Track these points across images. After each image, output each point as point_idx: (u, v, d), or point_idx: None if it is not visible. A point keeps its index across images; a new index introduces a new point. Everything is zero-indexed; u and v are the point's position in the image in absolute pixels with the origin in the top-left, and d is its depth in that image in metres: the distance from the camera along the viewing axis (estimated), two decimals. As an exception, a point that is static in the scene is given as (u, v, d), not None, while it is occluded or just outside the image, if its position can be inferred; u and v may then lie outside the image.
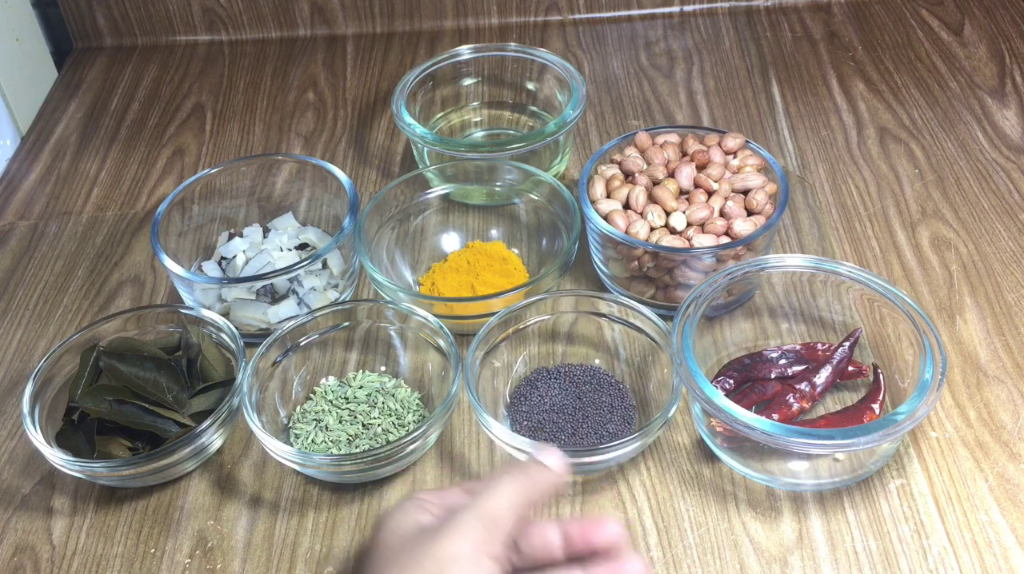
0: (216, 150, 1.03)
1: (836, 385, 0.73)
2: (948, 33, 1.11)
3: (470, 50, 0.99)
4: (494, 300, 0.75)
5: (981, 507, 0.66)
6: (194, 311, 0.75)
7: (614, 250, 0.78)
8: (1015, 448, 0.69)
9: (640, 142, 0.84)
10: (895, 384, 0.71)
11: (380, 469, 0.68)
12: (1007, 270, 0.82)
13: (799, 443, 0.62)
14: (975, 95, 1.02)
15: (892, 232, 0.86)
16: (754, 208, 0.77)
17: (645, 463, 0.70)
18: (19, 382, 0.79)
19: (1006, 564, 0.63)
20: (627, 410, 0.72)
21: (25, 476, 0.73)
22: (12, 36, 1.09)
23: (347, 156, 1.00)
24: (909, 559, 0.63)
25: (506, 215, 0.88)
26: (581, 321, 0.76)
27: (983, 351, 0.76)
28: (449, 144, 0.89)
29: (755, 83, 1.06)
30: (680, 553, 0.65)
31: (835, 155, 0.95)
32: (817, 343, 0.75)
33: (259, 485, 0.71)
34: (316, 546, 0.67)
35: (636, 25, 1.17)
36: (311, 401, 0.75)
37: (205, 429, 0.68)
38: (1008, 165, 0.93)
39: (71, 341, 0.73)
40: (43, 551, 0.68)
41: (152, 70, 1.16)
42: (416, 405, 0.74)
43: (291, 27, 1.19)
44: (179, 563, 0.67)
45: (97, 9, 1.18)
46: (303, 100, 1.09)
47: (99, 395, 0.70)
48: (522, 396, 0.74)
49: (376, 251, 0.82)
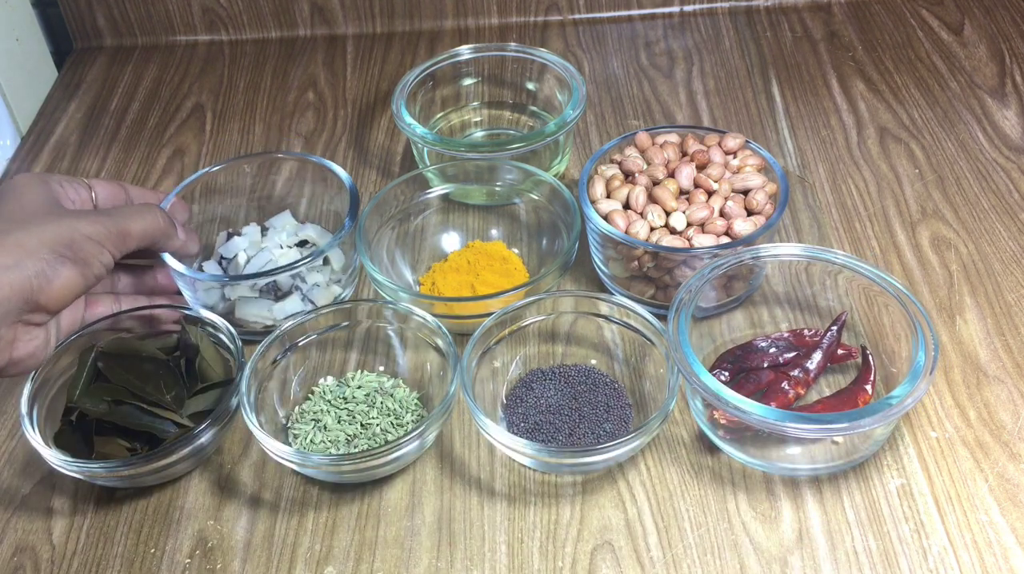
0: (216, 150, 1.03)
1: (827, 368, 0.74)
2: (948, 33, 1.11)
3: (470, 50, 0.99)
4: (494, 300, 0.75)
5: (981, 507, 0.66)
6: (193, 311, 0.75)
7: (614, 250, 0.78)
8: (1015, 448, 0.69)
9: (640, 142, 0.84)
10: (886, 368, 0.72)
11: (379, 469, 0.68)
12: (1007, 270, 0.82)
13: (803, 429, 0.62)
14: (975, 95, 1.02)
15: (892, 232, 0.86)
16: (754, 208, 0.77)
17: (644, 462, 0.70)
18: (18, 382, 0.79)
19: (1006, 564, 0.63)
20: (623, 409, 0.72)
21: (25, 476, 0.73)
22: (12, 36, 1.09)
23: (347, 156, 1.00)
24: (909, 559, 0.63)
25: (506, 215, 0.88)
26: (580, 321, 0.76)
27: (983, 351, 0.76)
28: (449, 144, 0.89)
29: (755, 83, 1.06)
30: (680, 553, 0.65)
31: (835, 155, 0.95)
32: (804, 329, 0.76)
33: (259, 485, 0.71)
34: (316, 546, 0.67)
35: (636, 25, 1.17)
36: (310, 401, 0.74)
37: (204, 429, 0.68)
38: (1008, 165, 0.92)
39: (69, 341, 0.73)
40: (43, 551, 0.68)
41: (152, 70, 1.16)
42: (415, 405, 0.74)
43: (291, 27, 1.19)
44: (179, 563, 0.67)
45: (97, 9, 1.18)
46: (303, 100, 1.09)
47: (97, 396, 0.70)
48: (518, 397, 0.74)
49: (376, 251, 0.82)
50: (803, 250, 0.74)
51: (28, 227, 0.62)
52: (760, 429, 0.65)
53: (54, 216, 0.63)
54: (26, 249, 0.61)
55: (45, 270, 0.61)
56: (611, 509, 0.67)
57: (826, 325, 0.75)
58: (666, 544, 0.65)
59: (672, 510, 0.67)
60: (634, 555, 0.65)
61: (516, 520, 0.67)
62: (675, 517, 0.67)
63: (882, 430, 0.67)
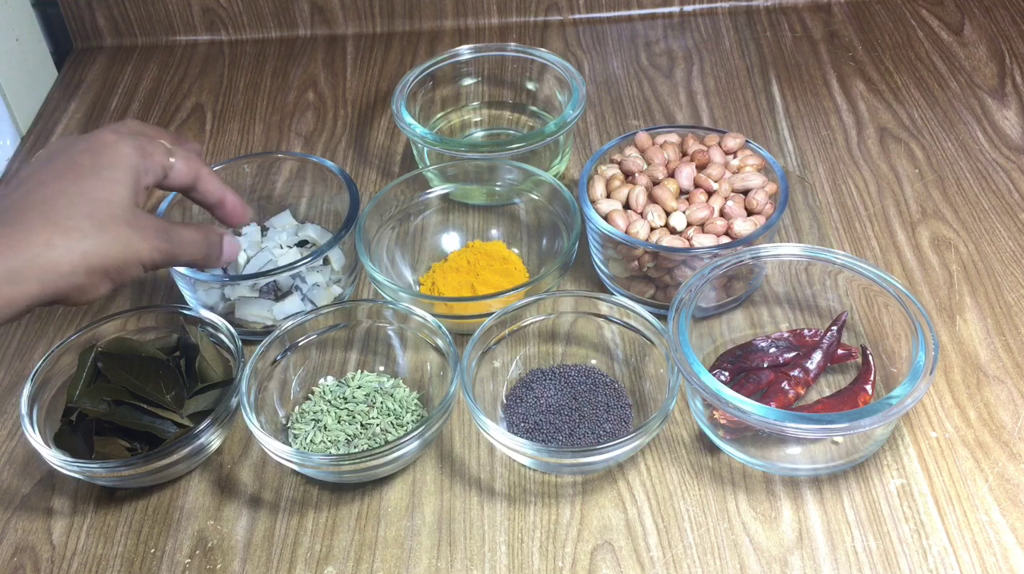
0: (216, 150, 1.03)
1: (827, 368, 0.74)
2: (948, 33, 1.11)
3: (470, 50, 0.99)
4: (494, 300, 0.75)
5: (981, 507, 0.66)
6: (193, 311, 0.75)
7: (614, 250, 0.78)
8: (1015, 448, 0.69)
9: (640, 142, 0.84)
10: (886, 368, 0.72)
11: (379, 469, 0.68)
12: (1007, 270, 0.82)
13: (803, 429, 0.62)
14: (975, 95, 1.02)
15: (892, 232, 0.86)
16: (754, 208, 0.77)
17: (644, 462, 0.70)
18: (18, 382, 0.79)
19: (1006, 564, 0.63)
20: (623, 409, 0.72)
21: (25, 476, 0.73)
22: (12, 36, 1.09)
23: (347, 156, 1.00)
24: (909, 559, 0.63)
25: (506, 215, 0.88)
26: (580, 321, 0.76)
27: (983, 351, 0.76)
28: (449, 144, 0.89)
29: (755, 83, 1.06)
30: (680, 553, 0.65)
31: (835, 155, 0.95)
32: (804, 330, 0.76)
33: (259, 485, 0.71)
34: (316, 546, 0.67)
35: (636, 25, 1.17)
36: (310, 401, 0.74)
37: (203, 429, 0.68)
38: (1008, 165, 0.92)
39: (70, 341, 0.73)
40: (43, 551, 0.68)
41: (152, 70, 1.16)
42: (415, 405, 0.74)
43: (291, 27, 1.19)
44: (179, 563, 0.67)
45: (97, 9, 1.18)
46: (303, 100, 1.09)
47: (97, 396, 0.70)
48: (518, 397, 0.74)
49: (376, 251, 0.82)
50: (803, 250, 0.74)
51: (94, 232, 0.57)
52: (760, 429, 0.65)
53: (121, 225, 0.58)
54: (74, 262, 0.56)
55: (85, 285, 0.57)
56: (611, 509, 0.67)
57: (826, 325, 0.75)
58: (666, 544, 0.65)
59: (672, 510, 0.67)
60: (634, 555, 0.65)
61: (516, 520, 0.67)
62: (675, 517, 0.67)
63: (882, 430, 0.67)
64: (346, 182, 0.83)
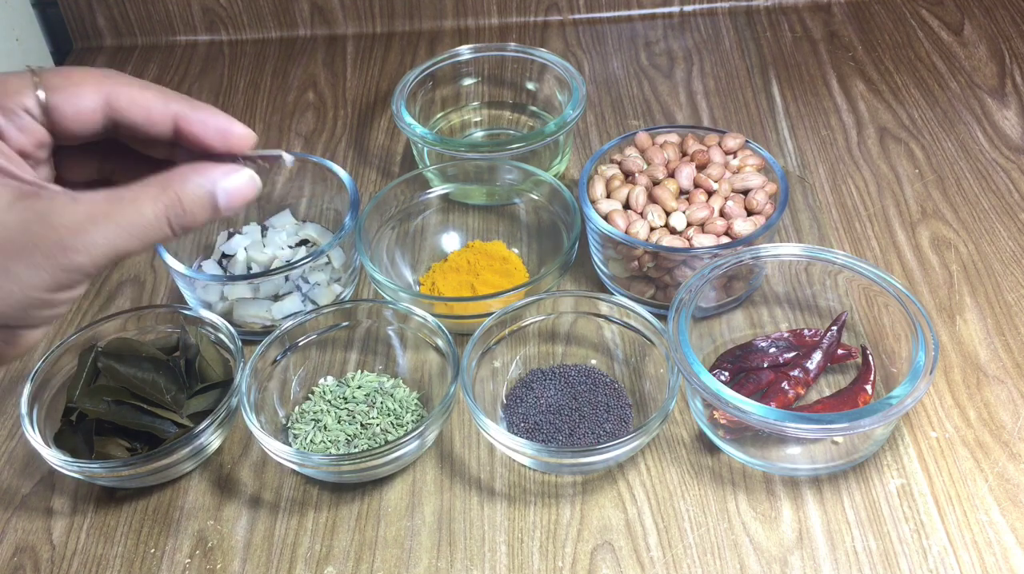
0: (216, 150, 1.03)
1: (827, 368, 0.74)
2: (948, 33, 1.11)
3: (470, 50, 0.99)
4: (494, 300, 0.75)
5: (981, 507, 0.66)
6: (193, 311, 0.75)
7: (614, 250, 0.78)
8: (1015, 448, 0.69)
9: (640, 142, 0.84)
10: (886, 368, 0.72)
11: (379, 469, 0.68)
12: (1007, 270, 0.82)
13: (803, 429, 0.62)
14: (975, 95, 1.02)
15: (892, 232, 0.86)
16: (754, 208, 0.77)
17: (644, 462, 0.70)
18: (18, 382, 0.79)
19: (1006, 564, 0.63)
20: (623, 409, 0.72)
21: (25, 476, 0.73)
22: (12, 36, 1.09)
23: (347, 156, 1.00)
24: (909, 559, 0.63)
25: (506, 215, 0.88)
26: (580, 321, 0.76)
27: (983, 351, 0.76)
28: (449, 144, 0.89)
29: (755, 83, 1.06)
30: (680, 553, 0.65)
31: (835, 155, 0.95)
32: (804, 330, 0.76)
33: (259, 485, 0.71)
34: (316, 546, 0.67)
35: (636, 25, 1.17)
36: (310, 401, 0.74)
37: (203, 429, 0.68)
38: (1008, 165, 0.92)
39: (70, 341, 0.73)
40: (43, 551, 0.68)
41: (152, 70, 1.16)
42: (415, 405, 0.74)
43: (291, 27, 1.19)
44: (179, 563, 0.67)
45: (97, 9, 1.18)
46: (303, 100, 1.09)
47: (97, 396, 0.70)
48: (518, 397, 0.74)
49: (376, 251, 0.82)
50: (803, 250, 0.74)
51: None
52: (760, 429, 0.65)
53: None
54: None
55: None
56: (611, 509, 0.67)
57: (826, 325, 0.75)
58: (666, 544, 0.65)
59: (672, 510, 0.67)
60: (634, 555, 0.65)
61: (516, 520, 0.67)
62: (675, 517, 0.67)
63: (882, 430, 0.67)
64: (346, 182, 0.83)
